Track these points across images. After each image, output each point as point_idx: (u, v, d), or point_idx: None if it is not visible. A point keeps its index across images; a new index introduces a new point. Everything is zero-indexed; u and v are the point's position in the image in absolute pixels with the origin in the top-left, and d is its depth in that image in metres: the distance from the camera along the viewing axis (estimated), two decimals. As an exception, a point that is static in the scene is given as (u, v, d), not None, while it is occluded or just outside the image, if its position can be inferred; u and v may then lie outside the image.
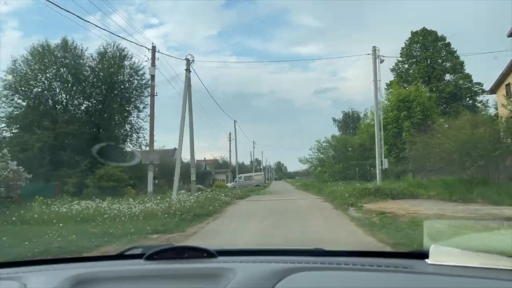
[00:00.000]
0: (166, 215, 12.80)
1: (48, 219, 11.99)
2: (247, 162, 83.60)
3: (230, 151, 55.97)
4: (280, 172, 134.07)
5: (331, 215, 13.35)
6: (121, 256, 1.83)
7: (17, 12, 57.63)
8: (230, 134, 54.48)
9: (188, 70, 23.34)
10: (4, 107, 27.57)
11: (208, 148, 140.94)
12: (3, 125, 27.51)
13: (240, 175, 49.80)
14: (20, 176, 18.53)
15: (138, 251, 1.81)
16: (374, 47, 23.45)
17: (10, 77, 27.57)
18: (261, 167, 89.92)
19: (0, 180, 17.27)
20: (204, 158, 65.98)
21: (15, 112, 27.97)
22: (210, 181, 54.38)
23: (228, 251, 1.83)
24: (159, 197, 18.99)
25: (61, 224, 10.27)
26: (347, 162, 38.69)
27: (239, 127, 65.54)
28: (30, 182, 22.79)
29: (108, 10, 64.02)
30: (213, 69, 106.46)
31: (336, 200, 17.65)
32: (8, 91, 27.53)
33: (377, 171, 22.75)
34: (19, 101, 28.27)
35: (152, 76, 22.45)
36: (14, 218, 11.41)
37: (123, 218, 12.24)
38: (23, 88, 27.79)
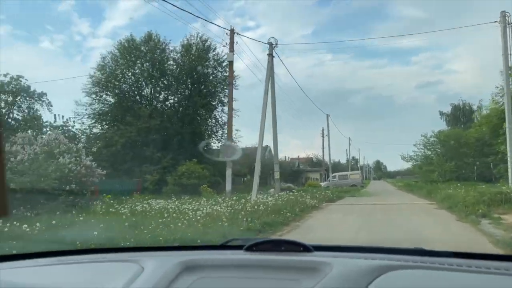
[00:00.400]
0: (231, 222, 10.27)
1: (95, 222, 10.22)
2: (343, 160, 79.48)
3: (323, 147, 52.96)
4: (379, 171, 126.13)
5: (457, 231, 9.36)
6: (222, 246, 1.90)
7: (130, 25, 62.72)
8: (323, 129, 51.40)
9: (270, 55, 20.75)
10: (94, 104, 27.76)
11: (303, 146, 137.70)
12: (93, 121, 27.68)
13: (334, 174, 46.28)
14: (93, 172, 17.46)
15: (237, 243, 1.84)
16: (503, 12, 18.38)
17: (98, 73, 27.69)
18: (358, 165, 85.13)
19: (72, 176, 16.32)
20: (298, 156, 64.25)
21: (104, 109, 28.04)
22: (302, 179, 51.81)
23: (324, 246, 1.78)
24: (235, 198, 16.66)
25: (95, 233, 8.19)
26: (461, 160, 32.96)
27: (333, 123, 61.89)
28: (112, 179, 22.33)
29: (210, 17, 64.94)
30: (308, 68, 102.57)
31: (455, 207, 13.45)
32: (97, 88, 27.66)
33: (509, 170, 17.65)
34: (108, 97, 28.35)
35: (230, 63, 20.28)
36: (54, 222, 9.70)
37: (179, 224, 9.99)
38: (110, 85, 27.73)
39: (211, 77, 29.66)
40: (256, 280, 1.43)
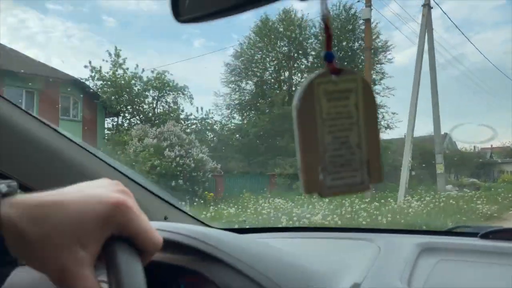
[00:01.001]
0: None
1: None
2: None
3: (523, 132, 41.69)
4: None
5: None
6: (450, 232, 1.75)
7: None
8: (521, 109, 40.26)
9: (427, 5, 15.25)
10: (231, 94, 26.36)
11: (497, 134, 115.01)
12: (228, 111, 26.29)
13: (539, 166, 35.60)
14: (204, 166, 15.39)
15: (466, 230, 1.70)
16: None
17: (235, 61, 26.16)
18: None
19: (179, 171, 14.57)
20: (491, 145, 53.18)
21: (241, 98, 26.40)
22: (494, 173, 41.88)
23: None
24: (369, 199, 12.17)
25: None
26: None
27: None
28: (246, 174, 20.56)
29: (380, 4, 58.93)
30: (503, 42, 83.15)
31: None
32: (234, 77, 26.20)
33: None
34: (245, 85, 26.63)
35: (367, 21, 15.49)
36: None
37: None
38: (247, 72, 25.90)
39: (358, 50, 24.97)
40: (503, 267, 1.27)
